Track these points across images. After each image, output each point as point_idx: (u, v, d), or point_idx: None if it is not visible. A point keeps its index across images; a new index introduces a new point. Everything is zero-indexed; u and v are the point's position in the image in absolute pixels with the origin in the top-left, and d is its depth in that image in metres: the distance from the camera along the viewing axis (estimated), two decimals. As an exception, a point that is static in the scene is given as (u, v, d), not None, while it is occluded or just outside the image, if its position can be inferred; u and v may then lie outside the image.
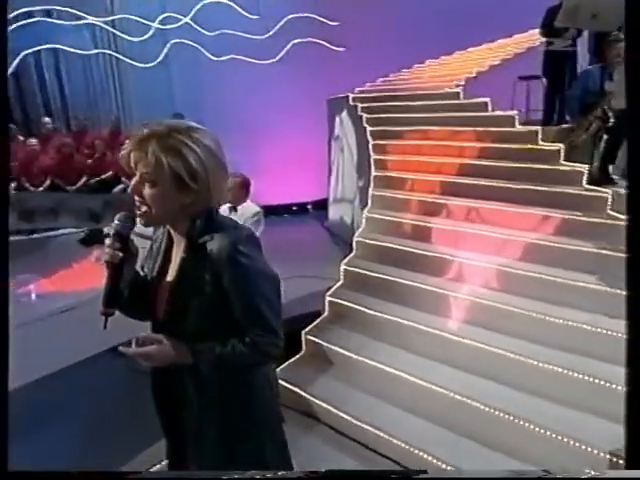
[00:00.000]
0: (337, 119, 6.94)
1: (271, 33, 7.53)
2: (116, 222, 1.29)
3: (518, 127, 4.45)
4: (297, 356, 3.19)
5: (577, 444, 2.12)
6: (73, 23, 6.42)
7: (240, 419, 1.34)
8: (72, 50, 6.61)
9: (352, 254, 3.91)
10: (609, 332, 2.50)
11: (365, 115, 5.57)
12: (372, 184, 4.63)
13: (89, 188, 6.41)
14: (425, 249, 3.55)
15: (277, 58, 7.80)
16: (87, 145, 6.84)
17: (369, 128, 5.31)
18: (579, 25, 4.73)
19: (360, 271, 3.63)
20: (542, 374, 2.49)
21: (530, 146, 4.03)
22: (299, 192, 8.93)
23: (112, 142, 6.99)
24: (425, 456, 2.31)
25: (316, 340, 3.18)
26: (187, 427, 1.36)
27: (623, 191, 3.40)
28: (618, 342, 2.35)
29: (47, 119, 6.88)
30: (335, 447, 2.59)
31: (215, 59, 7.61)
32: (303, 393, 2.84)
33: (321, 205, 8.53)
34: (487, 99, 4.90)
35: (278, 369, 3.02)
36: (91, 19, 6.50)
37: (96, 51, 6.82)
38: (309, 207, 9.26)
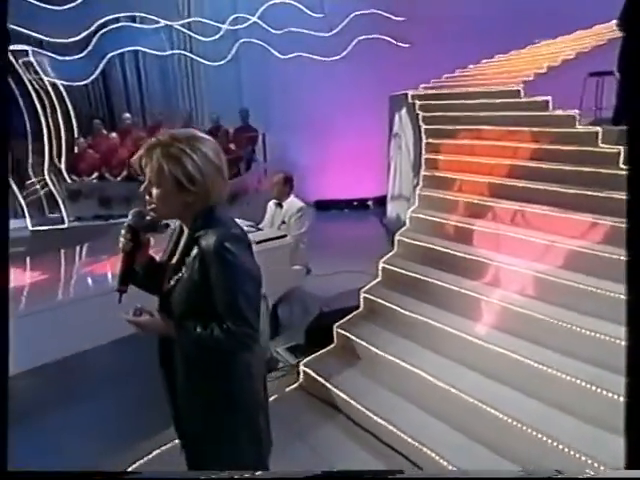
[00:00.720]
0: (397, 116, 6.91)
1: (336, 31, 7.63)
2: (129, 217, 1.51)
3: (578, 127, 4.22)
4: (327, 348, 3.32)
5: (590, 460, 2.06)
6: (152, 27, 6.94)
7: (218, 399, 1.52)
8: (150, 51, 7.17)
9: (392, 252, 3.95)
10: None
11: (421, 113, 5.54)
12: (420, 183, 4.63)
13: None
14: (464, 251, 3.51)
15: (342, 55, 7.90)
16: (161, 139, 7.36)
17: (424, 126, 5.28)
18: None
19: (397, 270, 3.67)
20: (566, 387, 2.42)
21: (584, 148, 3.82)
22: (361, 188, 9.01)
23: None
24: (434, 456, 2.35)
25: (346, 334, 3.28)
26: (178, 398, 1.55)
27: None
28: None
29: (127, 115, 7.51)
30: (351, 438, 2.69)
31: (282, 57, 7.87)
32: (326, 383, 2.97)
33: (382, 202, 8.54)
34: (548, 98, 4.67)
35: (308, 358, 3.20)
36: (168, 22, 7.00)
37: (171, 52, 7.33)
38: (370, 203, 9.30)
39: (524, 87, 5.38)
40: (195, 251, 1.43)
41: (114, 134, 7.08)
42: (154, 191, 1.44)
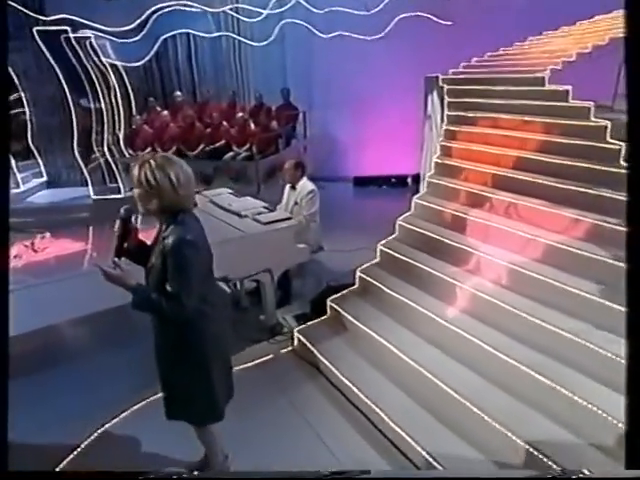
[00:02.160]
0: (429, 98, 6.98)
1: (377, 9, 7.70)
2: (121, 211, 2.02)
3: (591, 120, 4.21)
4: (320, 319, 3.76)
5: (510, 433, 2.38)
6: (201, 10, 7.39)
7: (174, 353, 2.09)
8: (199, 34, 7.66)
9: (392, 236, 4.27)
10: (591, 345, 2.59)
11: (447, 98, 5.64)
12: (432, 170, 4.84)
13: (205, 154, 7.51)
14: (453, 239, 3.77)
15: (383, 34, 7.97)
16: (207, 116, 7.94)
17: (446, 112, 5.42)
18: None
19: (392, 252, 4.01)
20: (510, 368, 2.71)
21: (588, 143, 3.87)
22: (399, 165, 9.14)
23: (228, 113, 8.00)
24: (384, 416, 2.76)
25: (337, 307, 3.71)
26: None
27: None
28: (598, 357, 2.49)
29: (178, 93, 8.12)
30: (325, 396, 3.15)
31: (324, 36, 8.08)
32: (313, 348, 3.43)
33: (420, 180, 8.64)
34: (568, 87, 4.63)
35: (302, 326, 3.66)
36: (215, 8, 7.44)
37: (219, 34, 7.78)
38: (408, 180, 9.42)
39: (562, 69, 5.30)
40: (161, 246, 1.96)
41: (166, 112, 7.72)
42: (136, 195, 1.95)
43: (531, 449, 2.29)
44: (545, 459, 2.23)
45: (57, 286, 3.03)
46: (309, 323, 3.73)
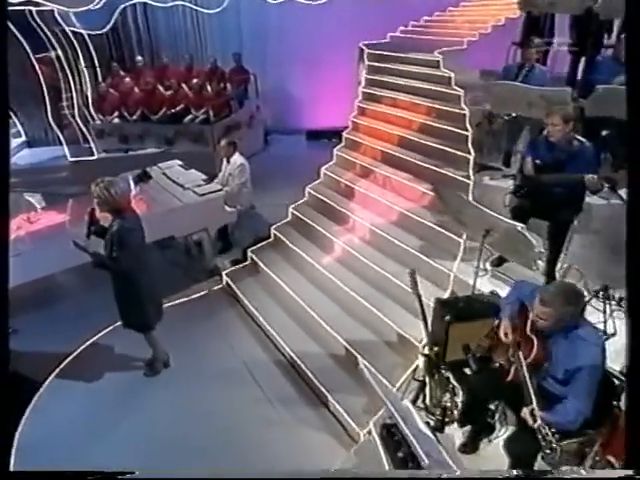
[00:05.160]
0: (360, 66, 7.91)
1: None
2: (88, 209, 3.27)
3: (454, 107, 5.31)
4: (242, 264, 5.11)
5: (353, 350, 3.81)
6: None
7: (120, 287, 3.44)
8: (154, 3, 8.36)
9: (302, 200, 5.53)
10: (402, 283, 3.95)
11: (365, 75, 6.62)
12: (343, 143, 5.99)
13: (166, 118, 8.47)
14: (340, 204, 5.06)
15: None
16: (167, 79, 8.78)
17: (360, 88, 6.44)
18: (539, 9, 5.20)
19: (298, 214, 5.29)
20: (357, 301, 4.09)
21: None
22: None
23: (186, 77, 8.84)
24: (277, 337, 4.14)
25: (253, 256, 5.06)
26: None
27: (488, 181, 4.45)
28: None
29: (139, 57, 8.91)
30: (241, 321, 4.55)
31: (272, 2, 8.79)
32: (234, 286, 4.81)
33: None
34: (451, 74, 5.61)
35: (228, 270, 4.99)
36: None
37: (172, 3, 8.45)
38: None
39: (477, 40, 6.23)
40: (111, 230, 3.24)
41: (128, 79, 8.55)
42: (94, 201, 3.21)
43: (348, 346, 3.73)
44: (354, 351, 3.66)
45: (51, 247, 4.27)
46: (233, 268, 5.09)
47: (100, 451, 3.23)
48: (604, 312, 3.03)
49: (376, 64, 6.64)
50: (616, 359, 2.60)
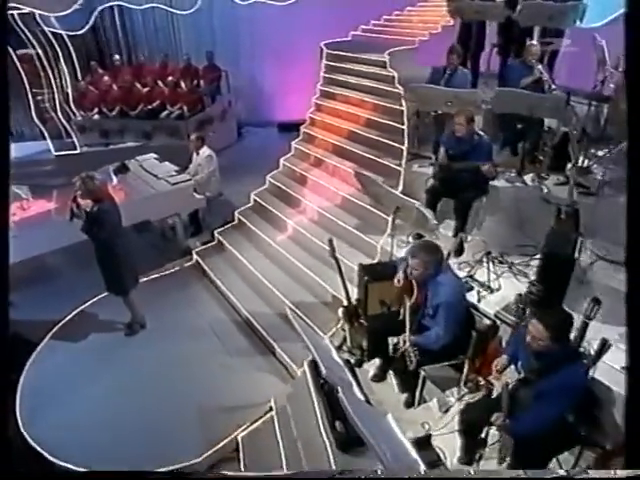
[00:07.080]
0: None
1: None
2: (71, 196, 3.99)
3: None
4: (210, 244, 5.86)
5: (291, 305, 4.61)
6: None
7: (101, 257, 4.18)
8: (129, 5, 8.96)
9: (263, 187, 6.27)
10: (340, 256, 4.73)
11: (322, 73, 7.33)
12: (301, 136, 6.72)
13: (144, 113, 9.10)
14: (295, 190, 5.81)
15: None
16: (143, 77, 9.40)
17: (318, 86, 7.16)
18: (467, 17, 5.96)
19: (258, 199, 6.04)
20: (302, 271, 4.88)
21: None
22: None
23: (161, 74, 9.47)
24: (240, 306, 4.91)
25: (219, 236, 5.81)
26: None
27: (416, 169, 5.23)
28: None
29: (117, 56, 9.50)
30: (208, 292, 5.30)
31: (241, 3, 9.43)
32: (202, 262, 5.56)
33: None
34: (395, 74, 6.33)
35: (199, 248, 5.74)
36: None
37: (147, 5, 9.05)
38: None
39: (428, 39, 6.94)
40: (92, 212, 3.94)
41: (106, 77, 9.14)
42: (78, 192, 3.93)
43: (292, 306, 4.52)
44: (297, 312, 4.44)
45: (42, 231, 4.97)
46: (202, 247, 5.84)
47: (89, 394, 3.99)
48: (488, 271, 3.84)
49: (332, 63, 7.32)
50: (501, 302, 3.51)
